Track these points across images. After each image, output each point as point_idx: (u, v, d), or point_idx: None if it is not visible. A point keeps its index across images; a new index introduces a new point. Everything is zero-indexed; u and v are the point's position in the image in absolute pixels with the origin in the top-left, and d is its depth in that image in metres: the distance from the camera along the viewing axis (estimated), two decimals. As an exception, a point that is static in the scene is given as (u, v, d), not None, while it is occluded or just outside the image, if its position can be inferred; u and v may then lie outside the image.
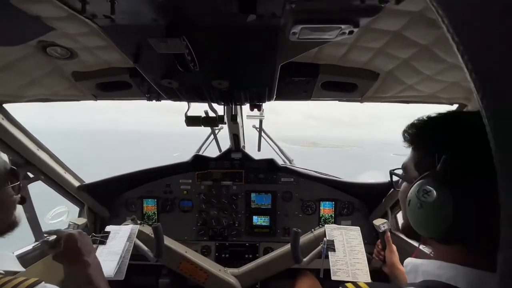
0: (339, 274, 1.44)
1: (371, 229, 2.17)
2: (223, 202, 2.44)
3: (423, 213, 0.57)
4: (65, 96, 1.49)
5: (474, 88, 0.26)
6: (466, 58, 0.26)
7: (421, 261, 0.63)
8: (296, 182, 2.42)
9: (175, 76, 1.12)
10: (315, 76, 1.30)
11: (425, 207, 0.56)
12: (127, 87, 1.42)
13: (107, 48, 1.09)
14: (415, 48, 1.01)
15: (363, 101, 1.55)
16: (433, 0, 0.29)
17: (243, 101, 1.44)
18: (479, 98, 0.26)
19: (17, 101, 1.42)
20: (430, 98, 1.39)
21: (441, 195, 0.54)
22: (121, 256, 1.51)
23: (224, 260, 2.38)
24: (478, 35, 0.26)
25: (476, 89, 0.26)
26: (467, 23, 0.27)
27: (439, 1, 0.28)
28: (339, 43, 1.06)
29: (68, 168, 2.02)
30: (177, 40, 0.79)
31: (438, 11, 0.28)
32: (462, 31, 0.27)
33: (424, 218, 0.58)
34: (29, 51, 1.08)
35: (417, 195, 0.58)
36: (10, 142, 1.56)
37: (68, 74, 1.30)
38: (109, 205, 2.40)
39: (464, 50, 0.27)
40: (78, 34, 0.97)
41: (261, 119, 2.25)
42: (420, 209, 0.57)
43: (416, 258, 0.66)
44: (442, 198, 0.53)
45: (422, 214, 0.58)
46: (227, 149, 2.46)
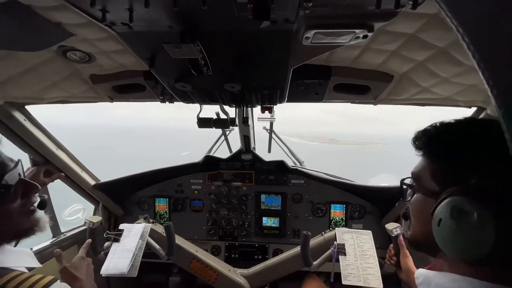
0: (350, 279, 1.42)
1: (383, 233, 2.12)
2: (233, 203, 2.46)
3: (460, 235, 0.52)
4: (83, 98, 1.54)
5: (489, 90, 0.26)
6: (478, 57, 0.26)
7: (433, 273, 0.62)
8: (306, 184, 2.41)
9: (188, 80, 1.14)
10: (327, 78, 1.29)
11: (463, 230, 0.51)
12: (141, 89, 1.45)
13: (123, 52, 1.12)
14: (431, 51, 0.98)
15: (376, 104, 1.52)
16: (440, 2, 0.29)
17: (255, 103, 1.44)
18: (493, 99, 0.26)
19: (38, 102, 1.49)
20: (446, 100, 1.35)
21: (482, 216, 0.48)
22: (134, 253, 1.55)
23: (234, 260, 2.39)
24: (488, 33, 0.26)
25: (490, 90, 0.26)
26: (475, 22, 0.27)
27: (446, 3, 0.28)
28: (352, 46, 1.05)
29: (84, 167, 2.10)
30: (191, 46, 0.81)
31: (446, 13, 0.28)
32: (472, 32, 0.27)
33: (462, 241, 0.52)
34: (51, 56, 1.13)
35: (451, 215, 0.52)
36: (31, 142, 1.64)
37: (86, 77, 1.35)
38: (122, 203, 2.46)
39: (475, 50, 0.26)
40: (97, 39, 1.01)
41: (271, 121, 2.25)
42: (457, 231, 0.52)
43: (427, 270, 0.64)
44: (484, 219, 0.48)
45: (458, 236, 0.52)
46: (237, 150, 2.47)
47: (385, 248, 2.11)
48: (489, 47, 0.26)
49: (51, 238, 1.92)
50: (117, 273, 1.46)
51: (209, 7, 0.68)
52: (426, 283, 0.62)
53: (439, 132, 0.61)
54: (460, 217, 0.51)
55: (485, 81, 0.26)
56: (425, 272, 0.65)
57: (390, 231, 1.47)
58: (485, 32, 0.26)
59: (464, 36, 0.27)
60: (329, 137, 72.59)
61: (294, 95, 1.42)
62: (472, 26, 0.27)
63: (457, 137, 0.58)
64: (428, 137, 0.62)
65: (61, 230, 2.00)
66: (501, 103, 0.25)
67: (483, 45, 0.26)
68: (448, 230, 0.53)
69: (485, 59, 0.26)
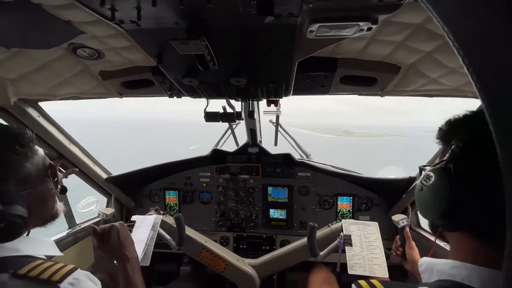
0: (355, 269, 1.44)
1: (390, 225, 2.13)
2: (241, 195, 2.50)
3: (422, 195, 0.63)
4: (93, 94, 1.59)
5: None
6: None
7: (436, 260, 0.64)
8: (313, 177, 2.42)
9: (195, 75, 1.16)
10: (333, 70, 1.28)
11: (424, 190, 0.62)
12: (150, 84, 1.48)
13: (131, 48, 1.14)
14: (438, 41, 0.97)
15: (383, 95, 1.51)
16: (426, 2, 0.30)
17: (260, 97, 1.45)
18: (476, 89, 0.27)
19: (51, 99, 1.53)
20: (454, 91, 1.33)
21: (439, 180, 0.58)
22: (146, 243, 1.61)
23: (242, 250, 2.45)
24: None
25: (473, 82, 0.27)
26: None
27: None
28: (358, 38, 1.04)
29: (96, 161, 2.16)
30: (198, 42, 0.82)
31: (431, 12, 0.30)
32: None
33: (424, 201, 0.63)
34: (61, 53, 1.16)
35: (421, 180, 0.64)
36: (46, 137, 1.70)
37: (96, 73, 1.39)
38: (134, 196, 2.54)
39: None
40: (105, 36, 1.03)
41: (277, 115, 2.26)
42: (420, 191, 0.63)
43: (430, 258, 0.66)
44: (440, 183, 0.58)
45: (421, 196, 0.63)
46: (244, 143, 2.49)
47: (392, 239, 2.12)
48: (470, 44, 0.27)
49: (67, 229, 2.01)
50: None
51: (214, 4, 0.69)
52: (429, 270, 0.65)
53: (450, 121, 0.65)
54: (425, 181, 0.62)
55: (469, 75, 0.27)
56: (428, 260, 0.67)
57: (397, 223, 1.48)
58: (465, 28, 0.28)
59: (449, 34, 0.28)
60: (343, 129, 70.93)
61: (300, 87, 1.42)
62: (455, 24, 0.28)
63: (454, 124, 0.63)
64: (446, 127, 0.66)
65: (76, 221, 2.09)
66: (484, 96, 0.26)
67: (465, 42, 0.27)
68: (416, 192, 0.66)
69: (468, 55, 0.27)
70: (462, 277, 0.55)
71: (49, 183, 0.94)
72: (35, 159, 0.89)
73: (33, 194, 0.87)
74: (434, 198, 0.59)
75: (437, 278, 0.60)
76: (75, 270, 0.80)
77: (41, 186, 0.90)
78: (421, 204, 0.65)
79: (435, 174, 0.59)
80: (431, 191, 0.60)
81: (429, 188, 0.60)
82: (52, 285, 0.74)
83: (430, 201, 0.60)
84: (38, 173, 0.89)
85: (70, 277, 0.77)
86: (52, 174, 0.95)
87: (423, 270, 0.67)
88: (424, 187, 0.62)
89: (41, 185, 0.90)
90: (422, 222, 2.07)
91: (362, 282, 0.59)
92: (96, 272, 1.02)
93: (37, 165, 0.89)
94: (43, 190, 0.92)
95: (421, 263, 0.69)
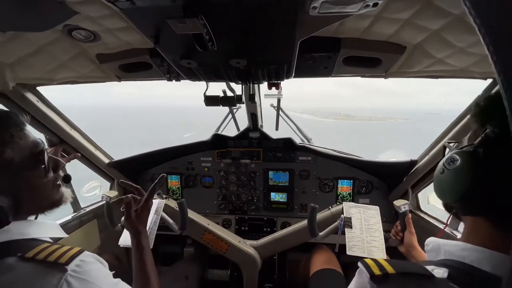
0: (354, 250, 1.47)
1: (390, 207, 2.16)
2: (242, 179, 2.52)
3: (443, 178, 0.59)
4: (91, 78, 1.56)
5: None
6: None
7: (445, 241, 0.63)
8: (314, 161, 2.42)
9: (193, 56, 1.12)
10: (336, 51, 1.24)
11: (446, 173, 0.59)
12: (148, 67, 1.45)
13: (128, 30, 1.11)
14: (447, 18, 0.92)
15: (387, 77, 1.47)
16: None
17: (261, 79, 1.42)
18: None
19: (49, 83, 1.51)
20: (461, 72, 1.29)
21: (464, 165, 0.55)
22: (150, 227, 1.64)
23: (244, 232, 2.51)
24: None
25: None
26: None
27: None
28: (362, 15, 0.99)
29: (98, 146, 2.17)
30: (195, 20, 0.79)
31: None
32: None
33: (443, 184, 0.60)
34: (56, 36, 1.13)
35: (444, 162, 0.60)
36: (46, 123, 1.69)
37: (92, 56, 1.35)
38: (136, 180, 2.57)
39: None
40: (100, 16, 0.99)
41: (279, 98, 2.22)
42: (441, 174, 0.60)
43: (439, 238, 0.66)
44: (465, 168, 0.55)
45: (441, 179, 0.60)
46: (245, 128, 2.48)
47: (391, 222, 2.16)
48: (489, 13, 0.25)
49: (72, 213, 2.05)
50: None
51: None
52: (436, 249, 0.64)
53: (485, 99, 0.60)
54: (449, 164, 0.58)
55: (485, 47, 0.25)
56: (435, 240, 0.66)
57: (398, 208, 1.49)
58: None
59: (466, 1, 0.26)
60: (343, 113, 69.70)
61: (302, 69, 1.38)
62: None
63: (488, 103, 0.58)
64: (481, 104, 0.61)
65: (81, 205, 2.13)
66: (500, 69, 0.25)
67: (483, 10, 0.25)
68: (437, 174, 0.63)
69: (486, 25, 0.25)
70: (472, 260, 0.54)
71: (40, 170, 0.88)
72: (21, 144, 0.83)
73: (19, 181, 0.82)
74: (456, 182, 0.56)
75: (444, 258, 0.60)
76: (82, 252, 0.81)
77: (28, 173, 0.84)
78: (439, 187, 0.62)
79: (462, 158, 0.56)
80: (454, 175, 0.56)
81: (452, 171, 0.57)
82: (59, 267, 0.74)
83: (450, 185, 0.58)
84: (25, 159, 0.83)
85: (77, 259, 0.78)
86: (43, 160, 0.89)
87: (429, 249, 0.67)
88: (446, 170, 0.58)
89: (29, 172, 0.84)
90: (422, 205, 2.09)
91: (369, 261, 0.58)
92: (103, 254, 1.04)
93: (22, 151, 0.83)
94: (31, 177, 0.86)
95: (428, 242, 0.69)
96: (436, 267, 0.54)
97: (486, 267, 0.52)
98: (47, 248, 0.78)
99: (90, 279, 0.78)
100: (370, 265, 0.56)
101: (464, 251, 0.56)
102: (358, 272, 0.60)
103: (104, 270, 0.87)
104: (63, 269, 0.74)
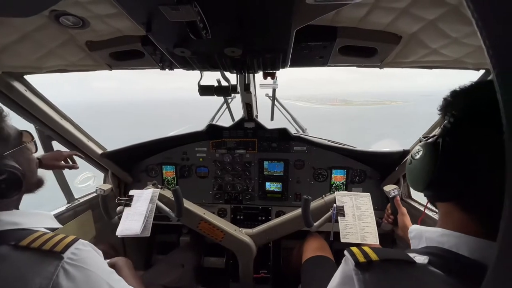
0: (348, 237, 1.51)
1: (382, 196, 2.21)
2: (237, 169, 2.53)
3: (410, 168, 0.67)
4: (81, 66, 1.51)
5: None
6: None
7: (426, 228, 0.67)
8: (308, 151, 2.44)
9: (187, 45, 1.09)
10: (332, 40, 1.23)
11: (412, 164, 0.66)
12: (140, 56, 1.41)
13: (118, 16, 1.07)
14: (442, 8, 0.92)
15: (382, 67, 1.47)
16: None
17: (256, 69, 1.40)
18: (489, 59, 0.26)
19: (37, 72, 1.46)
20: (455, 63, 1.30)
21: (426, 155, 0.61)
22: (145, 216, 1.65)
23: (239, 221, 2.55)
24: None
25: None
26: None
27: None
28: (359, 4, 0.98)
29: (90, 137, 2.13)
30: (189, 7, 0.76)
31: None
32: None
33: (410, 173, 0.67)
34: (43, 22, 1.08)
35: (411, 154, 0.67)
36: (35, 113, 1.64)
37: (82, 43, 1.31)
38: (130, 171, 2.56)
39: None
40: (88, 2, 0.96)
41: (274, 88, 2.21)
42: (410, 165, 0.68)
43: (421, 226, 0.69)
44: (427, 158, 0.61)
45: (409, 169, 0.68)
46: (240, 118, 2.47)
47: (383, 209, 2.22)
48: (487, 6, 0.25)
49: (66, 204, 2.04)
50: (132, 234, 1.57)
51: None
52: (418, 237, 0.68)
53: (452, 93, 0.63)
54: (415, 154, 0.65)
55: (482, 40, 0.25)
56: (417, 228, 0.70)
57: (388, 193, 1.53)
58: None
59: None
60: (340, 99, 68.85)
61: (298, 59, 1.37)
62: None
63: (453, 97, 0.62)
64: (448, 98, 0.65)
65: (75, 196, 2.11)
66: (496, 63, 0.25)
67: (481, 3, 0.25)
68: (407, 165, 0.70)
69: (483, 18, 0.25)
70: (450, 245, 0.57)
71: (27, 147, 0.97)
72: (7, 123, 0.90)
73: (17, 154, 0.89)
74: (420, 171, 0.62)
75: (426, 245, 0.64)
76: (77, 241, 0.81)
77: (22, 146, 0.93)
78: (409, 177, 0.69)
79: (424, 149, 0.62)
80: (419, 165, 0.63)
81: (417, 162, 0.63)
82: (55, 255, 0.74)
83: (416, 174, 0.64)
84: (15, 135, 0.91)
85: (72, 247, 0.78)
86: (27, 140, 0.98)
87: (412, 236, 0.71)
88: (413, 161, 0.65)
89: (22, 146, 0.93)
90: (413, 193, 2.14)
91: (354, 249, 0.61)
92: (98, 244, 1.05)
93: (12, 129, 0.90)
94: (25, 151, 0.95)
95: (411, 230, 0.72)
96: (418, 254, 0.57)
97: (463, 252, 0.55)
98: (41, 237, 0.78)
99: (87, 266, 0.78)
100: (355, 253, 0.59)
101: (443, 237, 0.60)
102: (344, 260, 0.62)
103: (99, 258, 0.88)
104: (59, 257, 0.74)
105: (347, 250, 0.62)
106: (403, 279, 0.53)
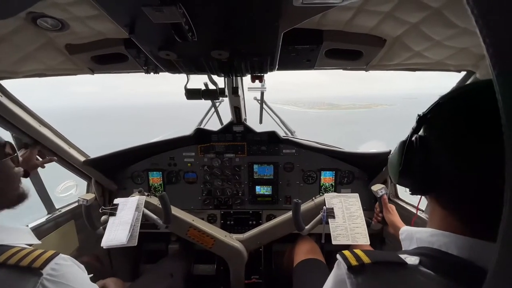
0: (339, 239, 1.52)
1: (371, 196, 2.24)
2: (227, 174, 2.50)
3: (388, 164, 0.75)
4: (61, 70, 1.45)
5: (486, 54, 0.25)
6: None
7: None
8: (297, 153, 2.45)
9: (172, 47, 1.07)
10: (319, 43, 1.24)
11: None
12: (123, 59, 1.37)
13: (99, 18, 1.03)
14: (425, 12, 0.95)
15: (368, 70, 1.50)
16: None
17: (244, 72, 1.39)
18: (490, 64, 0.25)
19: (13, 77, 1.39)
20: (437, 65, 1.35)
21: (396, 151, 0.68)
22: (132, 224, 1.59)
23: (229, 226, 2.51)
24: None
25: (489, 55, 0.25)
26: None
27: None
28: (345, 7, 1.00)
29: (72, 144, 2.04)
30: (173, 8, 0.74)
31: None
32: None
33: (388, 166, 0.75)
34: (20, 24, 1.03)
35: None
36: (12, 120, 1.56)
37: (61, 47, 1.26)
38: (115, 178, 2.47)
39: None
40: (68, 3, 0.92)
41: (262, 91, 2.21)
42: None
43: (411, 227, 0.70)
44: (396, 154, 0.68)
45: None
46: (228, 122, 2.45)
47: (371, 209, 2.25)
48: (489, 5, 0.24)
49: (46, 215, 1.93)
50: (118, 244, 1.50)
51: None
52: (409, 238, 0.68)
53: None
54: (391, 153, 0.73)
55: (481, 39, 0.25)
56: (408, 229, 0.70)
57: (376, 192, 1.56)
58: None
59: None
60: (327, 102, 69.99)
61: (285, 62, 1.37)
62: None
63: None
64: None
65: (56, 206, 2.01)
66: (495, 62, 0.24)
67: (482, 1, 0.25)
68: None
69: (483, 16, 0.25)
70: (439, 244, 0.58)
71: (8, 161, 0.91)
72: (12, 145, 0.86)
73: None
74: (391, 165, 0.72)
75: (417, 246, 0.64)
76: (57, 255, 0.77)
77: (2, 162, 0.88)
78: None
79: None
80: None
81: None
82: (33, 271, 0.70)
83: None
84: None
85: (52, 262, 0.74)
86: (9, 153, 0.93)
87: (403, 238, 0.71)
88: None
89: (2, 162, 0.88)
90: (400, 193, 2.19)
91: (346, 252, 0.61)
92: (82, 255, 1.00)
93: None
94: (5, 166, 0.89)
95: (401, 231, 0.73)
96: (409, 255, 0.57)
97: (452, 251, 0.56)
98: (18, 252, 0.74)
99: (68, 282, 0.75)
100: (347, 256, 0.59)
101: (433, 237, 0.60)
102: (337, 264, 0.62)
103: (81, 273, 0.84)
104: (38, 273, 0.71)
105: (340, 254, 0.61)
106: (395, 281, 0.53)
